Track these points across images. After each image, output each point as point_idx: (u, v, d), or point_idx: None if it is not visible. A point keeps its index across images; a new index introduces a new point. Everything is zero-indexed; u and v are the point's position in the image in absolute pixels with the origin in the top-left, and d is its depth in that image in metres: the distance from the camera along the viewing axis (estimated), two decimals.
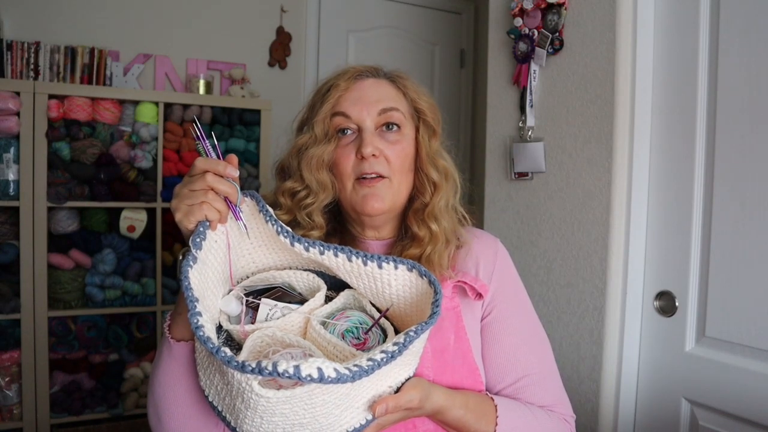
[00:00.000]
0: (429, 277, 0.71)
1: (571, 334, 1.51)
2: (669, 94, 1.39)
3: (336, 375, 0.54)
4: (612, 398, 1.43)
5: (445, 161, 0.89)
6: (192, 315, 0.60)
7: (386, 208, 0.85)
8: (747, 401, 1.21)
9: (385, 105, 0.85)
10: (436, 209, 0.86)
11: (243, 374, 0.55)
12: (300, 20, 2.84)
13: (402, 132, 0.86)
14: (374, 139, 0.83)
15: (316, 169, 0.84)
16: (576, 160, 1.50)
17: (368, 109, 0.84)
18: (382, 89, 0.87)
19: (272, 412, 0.58)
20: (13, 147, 2.07)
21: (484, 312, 0.89)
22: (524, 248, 1.65)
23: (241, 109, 2.43)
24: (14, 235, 2.11)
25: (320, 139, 0.85)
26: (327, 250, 0.72)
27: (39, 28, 2.36)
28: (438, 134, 0.90)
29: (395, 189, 0.85)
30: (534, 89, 1.61)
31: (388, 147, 0.84)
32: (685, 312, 1.34)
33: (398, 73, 0.91)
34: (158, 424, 0.77)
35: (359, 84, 0.87)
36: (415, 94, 0.89)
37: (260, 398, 0.56)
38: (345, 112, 0.84)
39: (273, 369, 0.53)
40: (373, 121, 0.84)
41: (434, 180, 0.87)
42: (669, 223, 1.38)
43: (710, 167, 1.30)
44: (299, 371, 0.52)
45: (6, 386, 2.09)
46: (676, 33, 1.37)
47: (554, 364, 0.92)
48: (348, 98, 0.85)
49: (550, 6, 1.53)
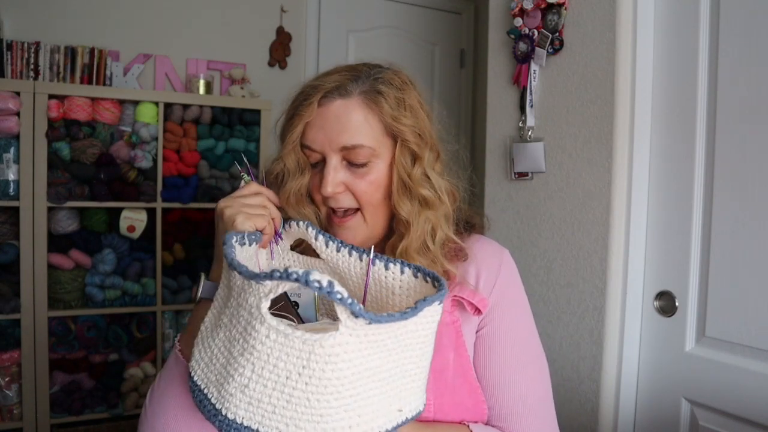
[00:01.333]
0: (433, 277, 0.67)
1: (571, 334, 1.51)
2: (669, 94, 1.39)
3: (347, 296, 0.49)
4: (612, 398, 1.43)
5: (428, 189, 0.79)
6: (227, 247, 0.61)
7: (359, 242, 0.80)
8: (747, 401, 1.21)
9: (347, 142, 0.76)
10: (411, 249, 0.78)
11: (255, 283, 0.53)
12: (300, 20, 2.84)
13: (371, 165, 0.78)
14: (337, 173, 0.77)
15: (296, 204, 0.81)
16: (576, 160, 1.50)
17: (330, 142, 0.77)
18: (348, 117, 0.76)
19: (266, 358, 0.53)
20: (13, 147, 2.07)
21: (479, 324, 0.84)
22: (524, 248, 1.65)
23: (241, 109, 2.43)
24: (14, 235, 2.11)
25: (294, 172, 0.80)
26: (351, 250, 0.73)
27: (39, 28, 2.36)
28: (423, 159, 0.79)
29: (369, 223, 0.81)
30: (534, 89, 1.61)
31: (354, 180, 0.78)
32: (685, 312, 1.34)
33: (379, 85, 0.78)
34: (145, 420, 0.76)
35: (324, 109, 0.77)
36: (391, 119, 0.77)
37: (260, 329, 0.53)
38: (309, 145, 0.78)
39: (283, 272, 0.50)
40: (337, 155, 0.77)
41: (403, 215, 0.78)
42: (669, 223, 1.38)
43: (710, 167, 1.30)
44: (308, 275, 0.48)
45: (6, 386, 2.09)
46: (676, 33, 1.37)
47: (548, 392, 0.85)
48: (313, 126, 0.78)
49: (550, 6, 1.53)
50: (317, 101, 0.77)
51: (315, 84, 0.79)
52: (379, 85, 0.78)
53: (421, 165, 0.79)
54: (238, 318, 0.56)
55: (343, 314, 0.51)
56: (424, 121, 0.80)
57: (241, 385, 0.55)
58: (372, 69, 0.81)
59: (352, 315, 0.51)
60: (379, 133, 0.78)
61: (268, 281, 0.52)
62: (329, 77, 0.79)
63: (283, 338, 0.52)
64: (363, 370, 0.54)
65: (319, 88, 0.78)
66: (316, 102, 0.77)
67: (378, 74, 0.80)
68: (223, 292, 0.63)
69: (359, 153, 0.76)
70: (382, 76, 0.79)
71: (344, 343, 0.51)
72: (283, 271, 0.50)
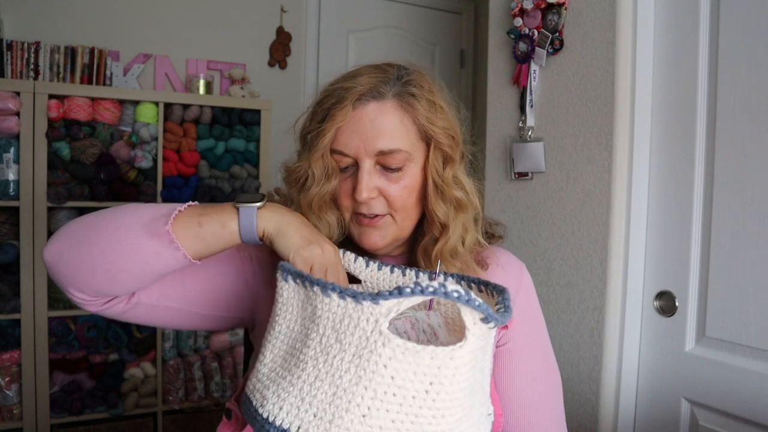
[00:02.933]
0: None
1: (571, 334, 1.51)
2: (669, 94, 1.39)
3: (483, 302, 0.48)
4: (612, 398, 1.43)
5: (460, 191, 0.79)
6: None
7: (387, 243, 0.79)
8: (747, 401, 1.21)
9: (384, 146, 0.74)
10: (445, 250, 0.78)
11: (372, 304, 0.49)
12: (300, 20, 2.84)
13: (405, 169, 0.77)
14: (371, 178, 0.75)
15: (319, 210, 0.79)
16: (576, 160, 1.50)
17: (366, 146, 0.75)
18: (384, 120, 0.75)
19: (390, 381, 0.50)
20: (13, 147, 2.07)
21: (500, 340, 0.84)
22: (524, 248, 1.65)
23: (241, 109, 2.43)
24: (14, 235, 2.11)
25: (320, 178, 0.77)
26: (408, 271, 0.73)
27: (39, 28, 2.36)
28: (455, 161, 0.79)
29: (399, 225, 0.79)
30: (534, 89, 1.61)
31: (388, 185, 0.77)
32: (685, 312, 1.34)
33: (411, 88, 0.77)
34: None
35: (358, 112, 0.75)
36: (426, 120, 0.77)
37: (383, 351, 0.49)
38: (342, 150, 0.76)
39: (415, 286, 0.47)
40: (372, 159, 0.76)
41: (440, 218, 0.78)
42: (669, 223, 1.38)
43: (710, 167, 1.30)
44: (445, 287, 0.46)
45: (6, 386, 2.09)
46: (676, 33, 1.37)
47: (561, 409, 0.87)
48: (345, 131, 0.75)
49: (550, 6, 1.53)
50: (351, 104, 0.75)
51: (346, 86, 0.76)
52: (411, 88, 0.77)
53: (453, 167, 0.79)
54: (342, 345, 0.52)
55: (471, 321, 0.49)
56: (453, 122, 0.80)
57: (359, 416, 0.51)
58: (400, 71, 0.79)
59: (482, 321, 0.49)
60: (414, 136, 0.77)
61: (392, 299, 0.49)
62: (359, 79, 0.77)
63: (412, 356, 0.49)
64: (474, 379, 0.53)
65: (351, 90, 0.75)
66: (350, 105, 0.75)
67: (407, 76, 0.78)
68: (289, 328, 0.59)
69: (396, 157, 0.75)
70: (411, 78, 0.78)
71: (470, 351, 0.50)
72: (414, 287, 0.47)
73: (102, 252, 0.68)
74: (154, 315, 0.79)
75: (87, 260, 0.68)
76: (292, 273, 0.58)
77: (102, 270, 0.69)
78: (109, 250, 0.68)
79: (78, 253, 0.69)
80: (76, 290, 0.71)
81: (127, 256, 0.68)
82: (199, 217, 0.70)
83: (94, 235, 0.69)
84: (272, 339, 0.61)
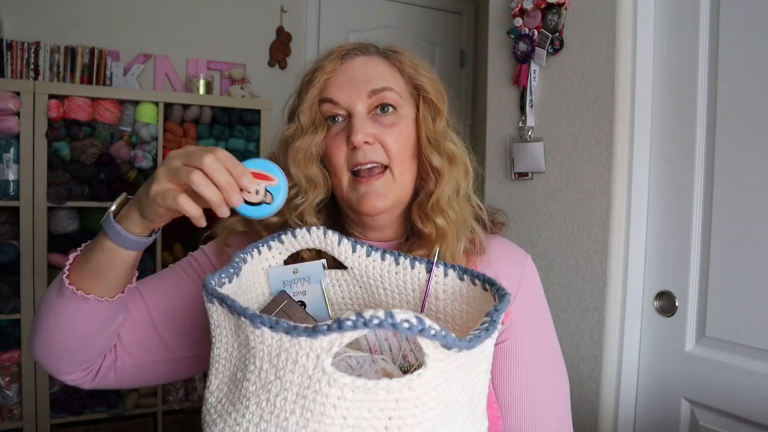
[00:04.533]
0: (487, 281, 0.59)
1: (571, 334, 1.51)
2: (669, 94, 1.39)
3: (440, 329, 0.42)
4: (612, 398, 1.43)
5: (451, 143, 0.78)
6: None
7: (388, 205, 0.75)
8: (747, 401, 1.21)
9: (375, 85, 0.74)
10: (442, 200, 0.75)
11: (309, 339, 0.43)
12: (300, 20, 2.84)
13: (399, 113, 0.76)
14: (366, 124, 0.73)
15: (304, 164, 0.75)
16: (576, 160, 1.50)
17: (357, 92, 0.74)
18: (373, 68, 0.76)
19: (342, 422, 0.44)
20: (13, 147, 2.07)
21: (498, 337, 0.76)
22: (524, 248, 1.64)
23: (241, 109, 2.43)
24: (14, 235, 2.11)
25: (307, 128, 0.75)
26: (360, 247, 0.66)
27: (39, 28, 2.36)
28: (443, 113, 0.79)
29: (398, 182, 0.75)
30: (534, 89, 1.61)
31: (383, 131, 0.74)
32: (685, 312, 1.34)
33: (393, 48, 0.80)
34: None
35: (347, 65, 0.76)
36: (412, 69, 0.78)
37: (329, 391, 0.43)
38: (332, 98, 0.74)
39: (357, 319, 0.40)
40: (365, 105, 0.74)
41: (436, 166, 0.76)
42: (669, 223, 1.38)
43: (710, 167, 1.30)
44: (393, 317, 0.40)
45: (6, 386, 2.09)
46: (676, 33, 1.37)
47: (567, 409, 0.81)
48: (335, 82, 0.75)
49: (550, 6, 1.53)
50: (339, 57, 0.76)
51: (331, 48, 0.78)
52: (394, 49, 0.80)
53: (442, 121, 0.78)
54: (283, 383, 0.46)
55: (431, 348, 0.43)
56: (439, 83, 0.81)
57: None
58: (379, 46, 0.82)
59: (444, 347, 0.43)
60: (402, 86, 0.78)
61: (332, 334, 0.42)
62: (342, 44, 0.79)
63: (364, 393, 0.44)
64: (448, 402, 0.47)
65: (337, 49, 0.77)
66: (338, 58, 0.76)
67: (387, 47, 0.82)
68: (227, 351, 0.53)
69: (387, 96, 0.75)
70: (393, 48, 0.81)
71: (433, 378, 0.44)
72: (356, 319, 0.41)
73: (49, 332, 0.69)
74: (146, 374, 0.78)
75: (47, 344, 0.70)
76: (215, 296, 0.51)
77: (61, 347, 0.70)
78: (51, 329, 0.69)
79: (39, 344, 0.71)
80: (62, 374, 0.73)
81: (64, 328, 0.68)
82: (85, 254, 0.67)
83: (40, 319, 0.70)
84: (213, 362, 0.55)
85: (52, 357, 0.71)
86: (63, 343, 0.69)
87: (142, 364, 0.77)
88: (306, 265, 0.69)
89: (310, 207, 0.76)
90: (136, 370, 0.77)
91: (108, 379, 0.76)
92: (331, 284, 0.71)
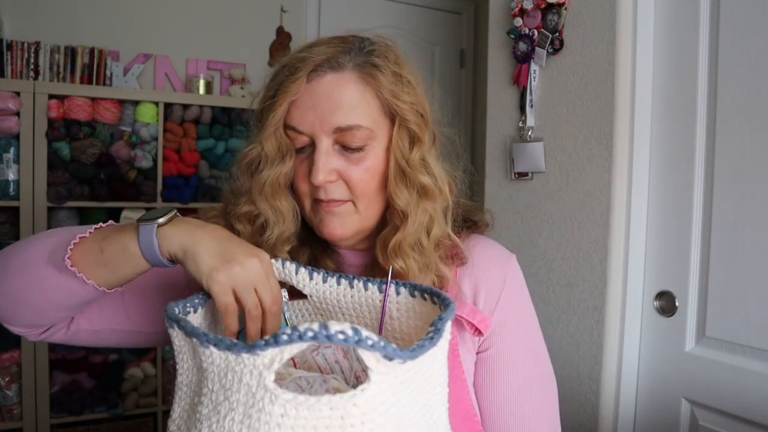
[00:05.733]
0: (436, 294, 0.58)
1: (571, 334, 1.51)
2: (669, 94, 1.39)
3: (377, 339, 0.41)
4: (612, 398, 1.43)
5: (426, 176, 0.70)
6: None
7: (348, 234, 0.71)
8: (747, 401, 1.21)
9: (341, 122, 0.66)
10: (405, 243, 0.69)
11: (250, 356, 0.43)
12: (300, 20, 2.84)
13: (367, 149, 0.69)
14: (329, 159, 0.67)
15: (272, 197, 0.70)
16: (576, 160, 1.50)
17: (321, 123, 0.67)
18: (342, 93, 0.67)
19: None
20: (13, 147, 2.07)
21: (480, 346, 0.75)
22: (524, 248, 1.65)
23: (241, 109, 2.43)
24: (14, 235, 2.11)
25: (273, 158, 0.69)
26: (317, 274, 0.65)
27: (39, 28, 2.36)
28: (423, 141, 0.70)
29: (362, 215, 0.71)
30: (534, 89, 1.61)
31: (348, 167, 0.68)
32: (685, 312, 1.34)
33: (374, 58, 0.69)
34: None
35: (314, 85, 0.67)
36: (390, 94, 0.68)
37: (272, 409, 0.43)
38: (295, 126, 0.68)
39: (292, 333, 0.40)
40: (329, 138, 0.67)
41: (400, 206, 0.69)
42: (669, 223, 1.38)
43: (710, 167, 1.30)
44: (327, 328, 0.40)
45: (6, 386, 2.09)
46: (676, 33, 1.37)
47: (556, 418, 0.78)
48: (299, 105, 0.67)
49: (550, 6, 1.53)
50: (305, 76, 0.67)
51: (301, 56, 0.68)
52: (374, 58, 0.69)
53: (420, 149, 0.70)
54: (231, 403, 0.45)
55: (373, 360, 0.42)
56: (422, 99, 0.72)
57: None
58: (363, 42, 0.71)
59: (386, 358, 0.42)
60: (377, 111, 0.69)
61: (270, 349, 0.42)
62: (316, 48, 0.69)
63: (307, 411, 0.43)
64: (398, 418, 0.46)
65: (306, 60, 0.67)
66: (304, 77, 0.67)
67: (371, 47, 0.71)
68: (188, 378, 0.53)
69: (355, 135, 0.67)
70: (375, 49, 0.70)
71: (379, 393, 0.43)
72: (291, 333, 0.41)
73: (18, 288, 0.64)
74: (98, 339, 0.76)
75: (7, 295, 0.65)
76: (174, 320, 0.51)
77: (24, 305, 0.65)
78: (22, 286, 0.64)
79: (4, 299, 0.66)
80: (10, 324, 0.69)
81: (39, 292, 0.64)
82: (101, 242, 0.62)
83: (9, 271, 0.65)
84: (177, 389, 0.55)
85: (6, 307, 0.66)
86: (27, 301, 0.65)
87: (98, 330, 0.74)
88: None
89: (280, 241, 0.72)
90: (89, 335, 0.74)
91: (56, 337, 0.72)
92: (293, 315, 0.69)
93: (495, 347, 0.74)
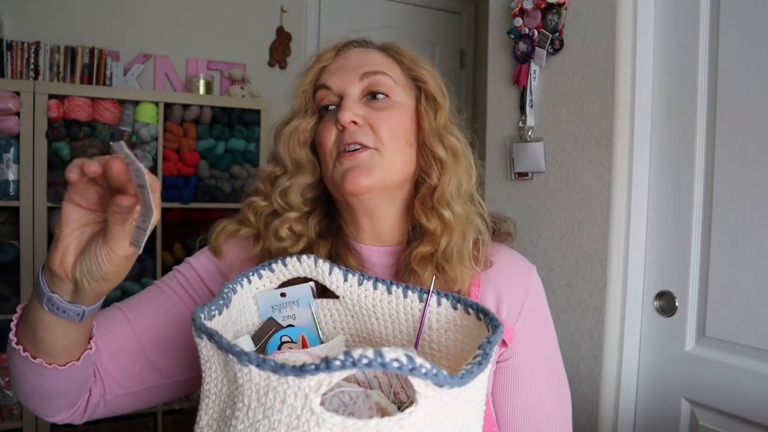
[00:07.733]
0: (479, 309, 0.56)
1: (571, 334, 1.51)
2: (669, 94, 1.39)
3: (431, 367, 0.40)
4: (612, 398, 1.43)
5: (455, 139, 0.74)
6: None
7: (373, 183, 0.70)
8: (747, 401, 1.21)
9: (368, 69, 0.73)
10: (447, 192, 0.71)
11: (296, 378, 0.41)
12: (300, 20, 2.84)
13: (392, 99, 0.73)
14: (355, 105, 0.71)
15: (292, 147, 0.75)
16: (576, 160, 1.50)
17: (350, 77, 0.73)
18: (368, 56, 0.76)
19: None
20: (13, 147, 2.07)
21: (501, 356, 0.75)
22: (524, 248, 1.65)
23: (241, 109, 2.43)
24: (14, 235, 2.11)
25: (298, 112, 0.76)
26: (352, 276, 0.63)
27: (39, 28, 2.36)
28: (443, 108, 0.75)
29: (386, 161, 0.71)
30: (534, 89, 1.61)
31: (373, 113, 0.71)
32: (685, 312, 1.34)
33: (392, 43, 0.79)
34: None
35: (343, 55, 0.77)
36: (410, 62, 0.76)
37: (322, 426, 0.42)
38: (326, 83, 0.74)
39: (345, 359, 0.38)
40: (357, 88, 0.73)
41: (440, 157, 0.72)
42: (669, 224, 1.38)
43: (710, 167, 1.30)
44: (382, 356, 0.38)
45: (6, 386, 2.09)
46: (676, 33, 1.37)
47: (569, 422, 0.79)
48: (330, 70, 0.75)
49: (550, 6, 1.53)
50: (336, 50, 0.78)
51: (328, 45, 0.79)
52: (388, 44, 0.79)
53: (443, 114, 0.75)
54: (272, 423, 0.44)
55: (422, 385, 0.42)
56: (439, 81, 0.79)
57: None
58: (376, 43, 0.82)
59: (436, 385, 0.42)
60: (400, 74, 0.76)
61: (321, 374, 0.41)
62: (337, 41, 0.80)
63: None
64: None
65: (335, 44, 0.78)
66: (334, 51, 0.77)
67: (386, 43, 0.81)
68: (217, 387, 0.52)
69: (380, 81, 0.73)
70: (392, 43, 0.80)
71: (426, 416, 0.43)
72: (344, 359, 0.39)
73: (20, 385, 0.64)
74: (140, 401, 0.74)
75: (22, 393, 0.66)
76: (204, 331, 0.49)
77: (36, 397, 0.65)
78: (21, 383, 0.64)
79: (15, 389, 0.66)
80: (47, 417, 0.68)
81: (32, 384, 0.63)
82: (25, 312, 0.61)
83: (10, 372, 0.66)
84: (204, 397, 0.53)
85: (31, 402, 0.66)
86: (35, 392, 0.64)
87: (135, 392, 0.72)
88: (294, 288, 0.67)
89: (295, 189, 0.74)
90: (128, 399, 0.72)
91: (98, 412, 0.71)
92: (322, 314, 0.68)
93: (515, 357, 0.75)
